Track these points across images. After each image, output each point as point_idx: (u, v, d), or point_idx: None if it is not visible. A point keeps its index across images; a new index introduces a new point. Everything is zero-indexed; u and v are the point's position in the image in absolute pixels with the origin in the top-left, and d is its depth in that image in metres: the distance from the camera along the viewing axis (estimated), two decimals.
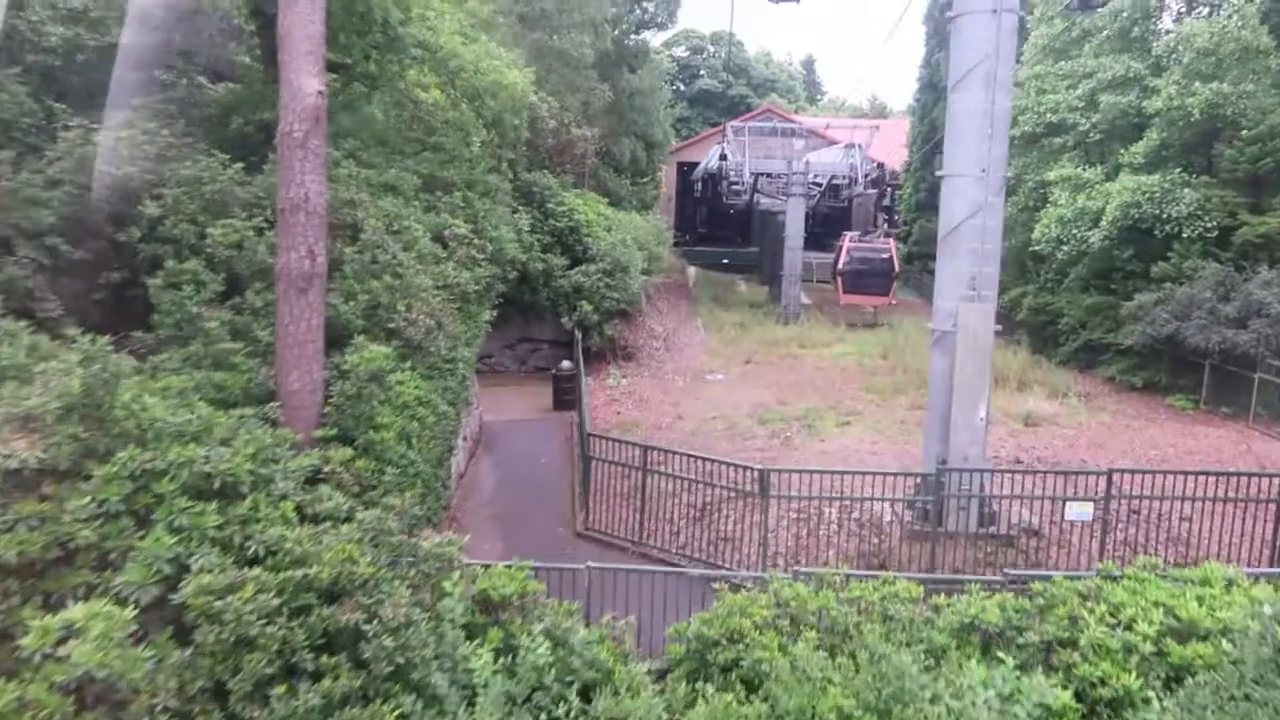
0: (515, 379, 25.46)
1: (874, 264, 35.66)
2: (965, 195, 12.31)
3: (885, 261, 35.65)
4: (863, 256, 36.00)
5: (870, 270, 35.57)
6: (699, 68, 73.10)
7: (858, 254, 36.04)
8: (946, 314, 12.56)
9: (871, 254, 36.02)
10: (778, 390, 23.51)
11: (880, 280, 35.52)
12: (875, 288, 35.55)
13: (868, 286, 35.54)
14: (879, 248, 36.48)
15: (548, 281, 25.43)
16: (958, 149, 12.52)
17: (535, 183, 26.35)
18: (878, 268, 35.61)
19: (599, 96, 31.62)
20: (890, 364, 26.33)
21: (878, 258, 35.83)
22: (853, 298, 36.12)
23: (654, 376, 25.43)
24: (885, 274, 35.69)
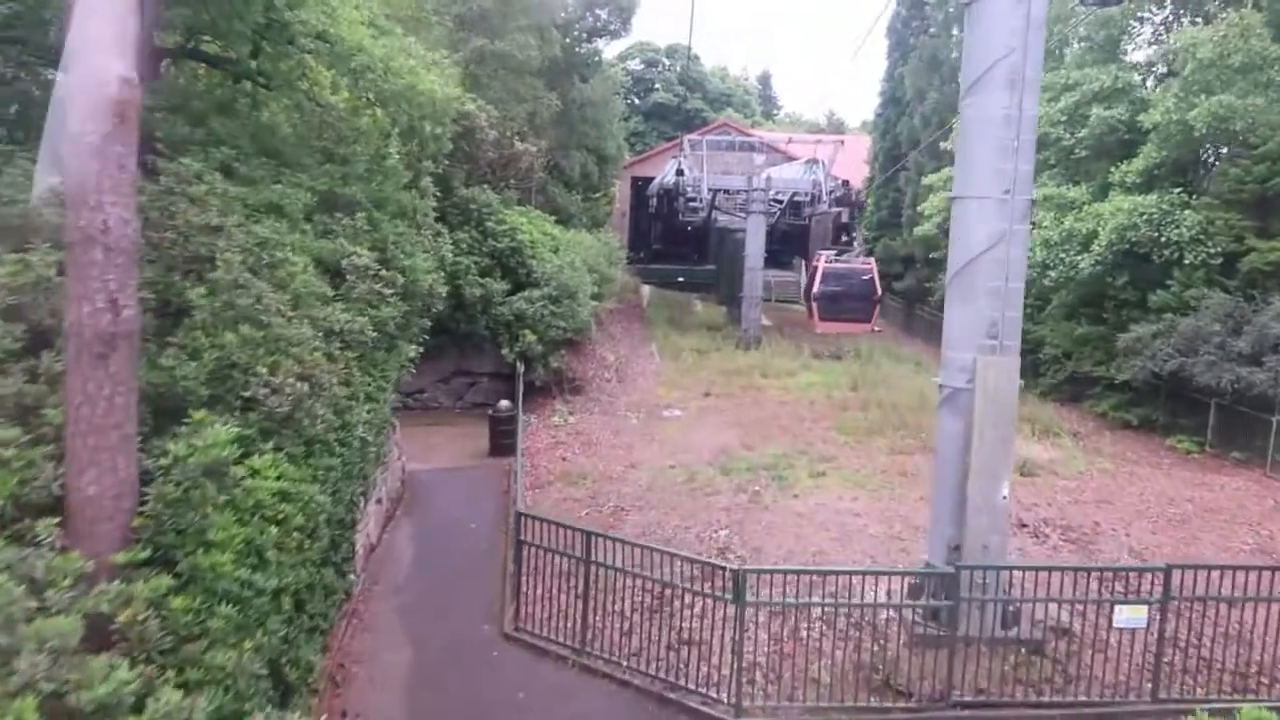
0: (450, 417, 22.67)
1: (853, 286, 31.45)
2: (983, 222, 9.88)
3: (866, 283, 31.50)
4: (840, 278, 31.71)
5: (849, 293, 31.41)
6: (654, 81, 70.90)
7: (835, 275, 31.67)
8: (959, 367, 10.10)
9: (850, 275, 31.77)
10: (741, 430, 21.00)
11: (861, 304, 31.35)
12: (855, 313, 31.31)
13: (846, 311, 31.34)
14: (859, 268, 32.30)
15: (486, 308, 22.71)
16: (974, 165, 10.10)
17: (473, 199, 23.63)
18: (858, 290, 31.46)
19: (546, 106, 29.01)
20: (861, 398, 23.97)
21: (857, 279, 31.64)
22: (829, 325, 31.87)
23: (605, 413, 22.79)
24: (867, 297, 31.57)
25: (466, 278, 22.38)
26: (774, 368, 28.41)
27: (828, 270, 31.61)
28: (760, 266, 33.63)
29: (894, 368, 28.46)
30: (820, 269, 31.76)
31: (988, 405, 9.77)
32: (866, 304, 31.48)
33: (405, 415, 22.43)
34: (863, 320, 31.51)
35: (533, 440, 20.33)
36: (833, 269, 31.82)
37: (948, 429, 10.35)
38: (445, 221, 23.06)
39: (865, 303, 31.46)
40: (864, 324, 31.66)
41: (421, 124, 14.13)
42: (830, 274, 31.53)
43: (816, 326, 32.07)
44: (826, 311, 31.47)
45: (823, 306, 31.54)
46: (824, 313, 31.58)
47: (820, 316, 31.76)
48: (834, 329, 32.03)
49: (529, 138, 28.90)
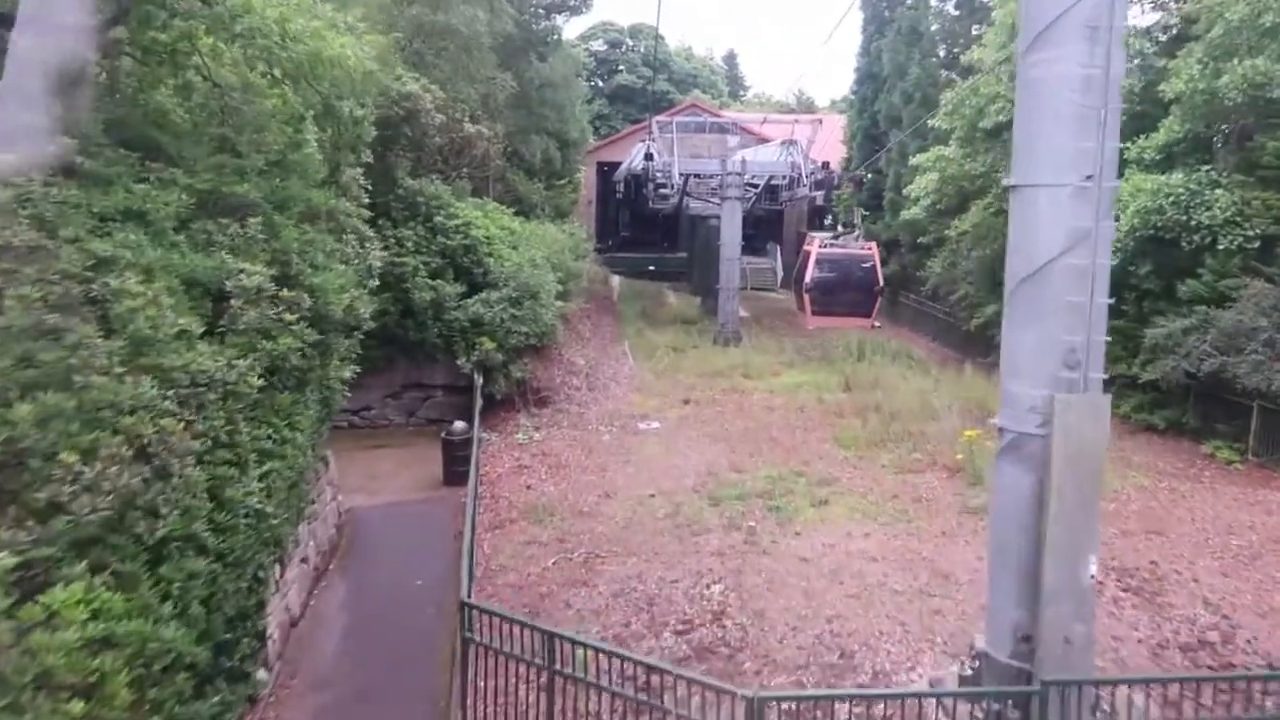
0: (401, 436, 20.07)
1: (852, 275, 27.21)
2: (1055, 218, 7.46)
3: (867, 272, 27.03)
4: (837, 265, 27.39)
5: (847, 283, 27.18)
6: (618, 62, 68.05)
7: (830, 262, 27.30)
8: (1027, 407, 7.71)
9: (848, 262, 27.44)
10: (727, 444, 18.62)
11: (860, 297, 27.02)
12: (854, 306, 26.97)
13: (844, 304, 27.03)
14: (858, 254, 27.78)
15: (438, 314, 20.10)
16: (1040, 143, 7.65)
17: (420, 192, 20.96)
18: (856, 280, 27.17)
19: (501, 87, 26.30)
20: (855, 401, 21.65)
21: (856, 267, 27.32)
22: (823, 320, 27.67)
23: (575, 427, 20.29)
24: (867, 288, 27.20)
25: (414, 280, 19.76)
26: (757, 367, 26.03)
27: (822, 256, 27.20)
28: (737, 256, 31.21)
29: (887, 365, 26.17)
30: (813, 255, 27.18)
31: (1069, 457, 7.40)
32: (867, 296, 27.10)
33: (350, 436, 19.86)
34: (862, 315, 27.10)
35: (493, 464, 17.82)
36: (828, 255, 27.48)
37: (1010, 484, 7.96)
38: (389, 218, 20.47)
39: (865, 295, 27.10)
40: (864, 319, 27.32)
41: (339, 104, 11.49)
42: (825, 261, 27.23)
43: (808, 322, 27.70)
44: (820, 305, 27.18)
45: (816, 299, 27.17)
46: (817, 306, 27.23)
47: (813, 311, 27.39)
48: (829, 325, 27.93)
49: (483, 122, 26.21)
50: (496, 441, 19.06)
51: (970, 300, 25.86)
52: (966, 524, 13.79)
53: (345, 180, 12.17)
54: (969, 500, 14.63)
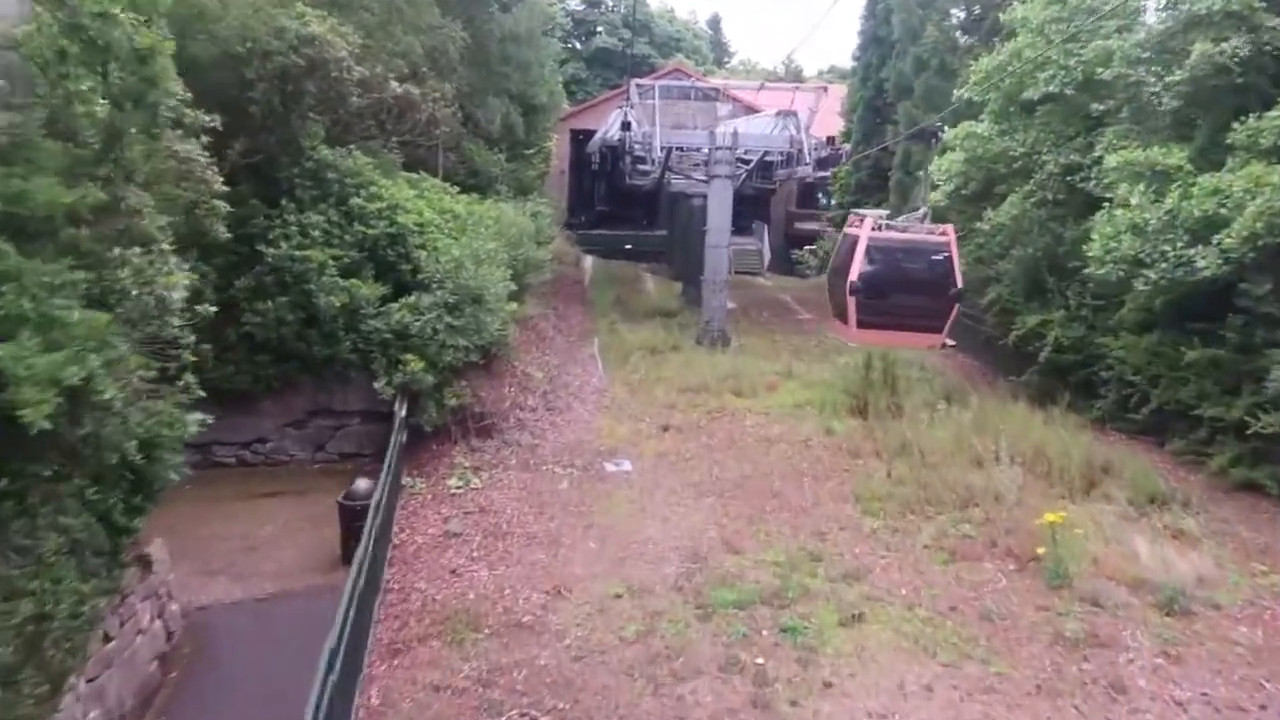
0: (302, 479, 15.48)
1: (919, 272, 17.60)
2: None
3: (940, 267, 17.41)
4: (897, 258, 17.70)
5: (912, 283, 17.65)
6: (596, 23, 62.90)
7: (888, 253, 17.63)
8: None
9: (914, 251, 17.83)
10: (718, 500, 14.27)
11: (930, 303, 17.56)
12: (920, 316, 17.71)
13: (906, 313, 17.71)
14: (929, 242, 17.88)
15: (353, 323, 15.47)
16: None
17: (332, 165, 16.22)
18: (926, 278, 17.54)
19: (450, 39, 21.42)
20: (873, 433, 17.29)
21: (925, 260, 17.69)
22: (875, 334, 18.18)
23: (525, 466, 15.82)
24: (940, 291, 17.46)
25: (320, 280, 15.10)
26: (749, 377, 21.56)
27: (876, 244, 17.33)
28: (725, 243, 26.66)
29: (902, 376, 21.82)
30: (861, 242, 17.20)
31: None
32: (939, 302, 17.52)
33: (234, 478, 15.25)
34: (930, 329, 17.82)
35: (413, 528, 13.36)
36: (884, 243, 17.58)
37: None
38: (293, 198, 15.77)
39: (937, 300, 17.54)
40: (932, 335, 18.08)
41: (106, 29, 6.82)
42: (879, 251, 17.38)
43: (850, 334, 18.19)
44: (871, 313, 17.47)
45: (865, 305, 17.34)
46: (867, 314, 17.45)
47: (860, 320, 17.50)
48: (881, 341, 18.89)
49: (430, 80, 21.38)
50: (423, 492, 14.57)
51: (1004, 306, 21.48)
52: (1067, 667, 9.50)
53: (130, 158, 7.56)
54: (1062, 622, 10.34)
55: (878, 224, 17.45)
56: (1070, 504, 13.74)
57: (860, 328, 17.74)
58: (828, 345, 26.73)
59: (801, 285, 40.87)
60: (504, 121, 26.87)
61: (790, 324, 30.47)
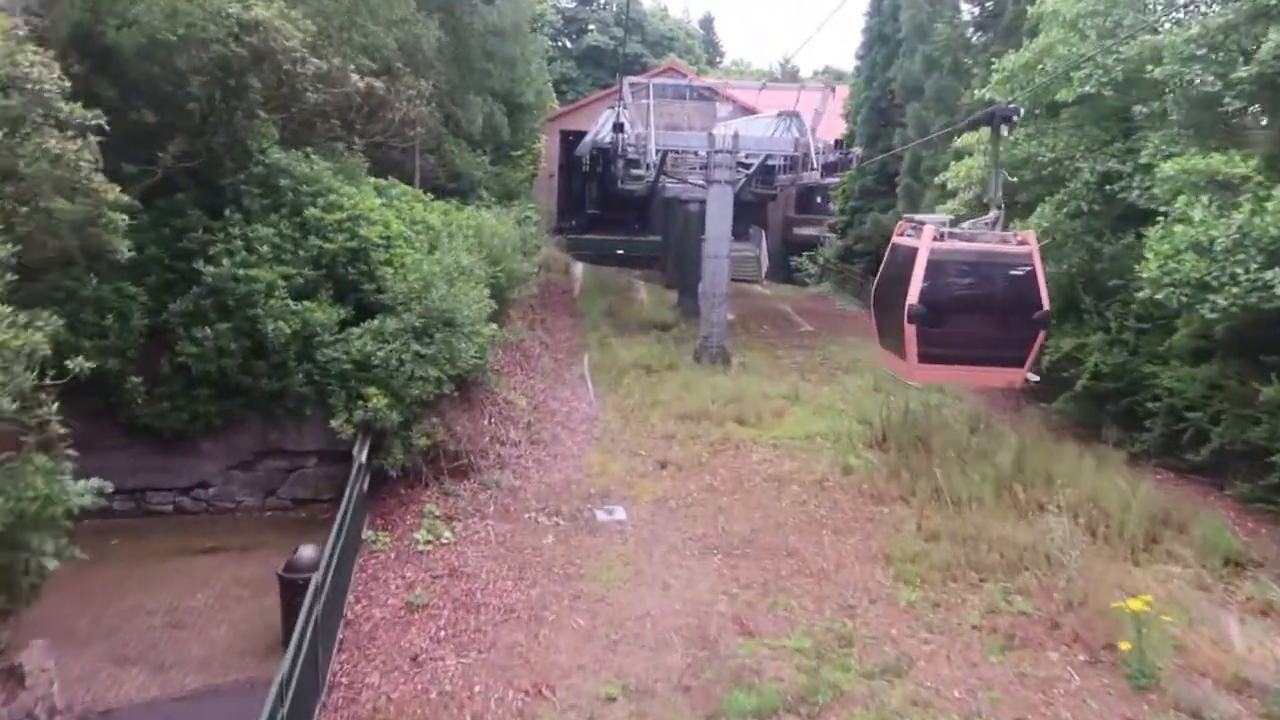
0: (248, 530, 13.37)
1: (996, 292, 13.57)
2: None
3: (1023, 281, 13.31)
4: (968, 274, 13.60)
5: (988, 305, 13.69)
6: (587, 21, 60.77)
7: (956, 268, 13.52)
8: None
9: (989, 268, 13.52)
10: (725, 559, 12.26)
11: (1010, 332, 13.63)
12: (998, 347, 13.76)
13: (980, 344, 13.78)
14: (1006, 254, 13.45)
15: (307, 352, 13.38)
16: None
17: (285, 171, 14.13)
18: (1005, 299, 13.55)
19: (423, 31, 19.30)
20: (897, 470, 15.31)
21: (1002, 276, 13.52)
22: (941, 369, 14.20)
23: (504, 515, 13.75)
24: (1022, 314, 13.44)
25: (268, 302, 13.00)
26: (753, 402, 19.54)
27: (940, 258, 13.26)
28: (725, 253, 24.63)
29: (915, 400, 19.83)
30: (922, 256, 13.26)
31: None
32: (1021, 329, 13.49)
33: (170, 530, 13.11)
34: (1010, 362, 13.77)
35: (371, 597, 11.30)
36: (950, 255, 13.38)
37: None
38: (239, 208, 13.70)
39: (1018, 325, 13.49)
40: (1011, 370, 14.05)
41: None
42: (944, 265, 13.34)
43: (909, 372, 14.25)
44: (936, 344, 13.45)
45: (928, 334, 13.34)
46: (931, 346, 13.44)
47: (922, 353, 13.51)
48: (949, 378, 15.77)
49: (404, 76, 19.29)
50: (385, 548, 12.49)
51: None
52: None
53: None
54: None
55: (940, 232, 13.48)
56: (1133, 566, 11.80)
57: (922, 362, 13.51)
58: (834, 362, 24.81)
59: (801, 294, 38.93)
60: (487, 122, 24.76)
61: (793, 338, 28.49)
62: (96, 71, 11.83)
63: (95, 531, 13.23)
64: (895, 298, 13.83)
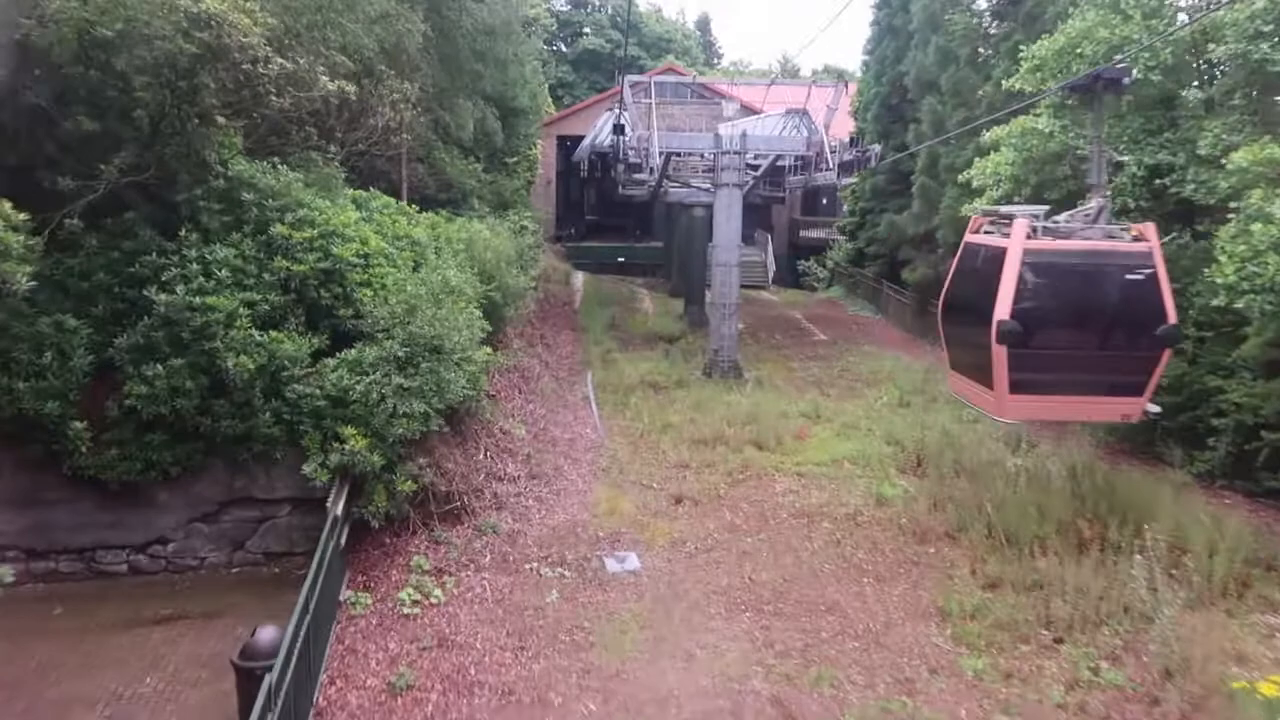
0: (213, 591, 11.73)
1: (1109, 304, 11.05)
2: None
3: (1142, 288, 10.65)
4: (1073, 282, 10.84)
5: (1099, 321, 11.10)
6: (582, 24, 59.22)
7: (1058, 271, 10.73)
8: None
9: (1100, 270, 10.80)
10: (759, 624, 10.58)
11: (1131, 350, 11.02)
12: (1111, 373, 11.04)
13: (1088, 371, 11.00)
14: (1121, 253, 10.80)
15: (275, 388, 11.74)
16: None
17: (250, 184, 12.49)
18: (1119, 312, 11.09)
19: (407, 26, 17.66)
20: (938, 501, 13.66)
21: (1116, 283, 10.85)
22: (1038, 402, 11.14)
23: (501, 567, 12.08)
24: (1142, 328, 10.76)
25: (228, 334, 11.36)
26: (771, 422, 17.87)
27: (1037, 260, 10.64)
28: (735, 261, 22.97)
29: (946, 417, 18.18)
30: (1012, 258, 10.49)
31: None
32: (1141, 347, 10.95)
33: (123, 593, 11.53)
34: (1125, 390, 11.14)
35: (348, 676, 9.62)
36: (1048, 256, 10.72)
37: None
38: (197, 227, 12.07)
39: (1138, 344, 11.00)
40: (1127, 401, 11.28)
41: None
42: (1043, 271, 10.74)
43: (999, 407, 11.17)
44: (1032, 369, 10.75)
45: (1022, 358, 10.60)
46: (1026, 371, 10.69)
47: (1015, 383, 10.73)
48: (1049, 413, 12.41)
49: (388, 80, 17.68)
50: (366, 612, 10.82)
51: None
52: None
53: None
54: None
55: (1033, 226, 10.78)
56: (1227, 618, 10.13)
57: (1015, 394, 10.68)
58: (853, 374, 23.16)
59: (811, 300, 37.29)
60: (479, 127, 23.13)
61: (806, 348, 26.83)
62: (20, 72, 10.22)
63: (37, 598, 11.66)
64: (975, 311, 11.15)
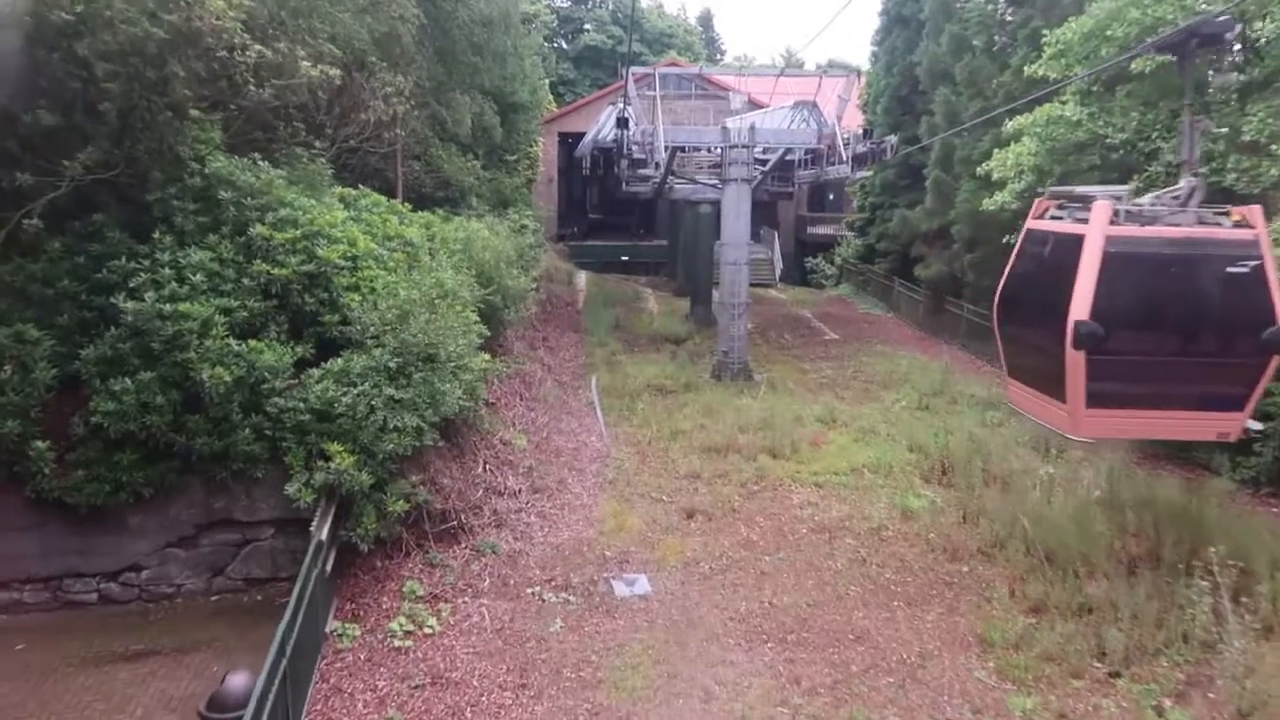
0: (189, 622, 10.82)
1: (1207, 299, 9.05)
2: None
3: (1245, 283, 8.81)
4: (1163, 271, 8.86)
5: (1195, 324, 9.21)
6: (583, 20, 58.30)
7: (1146, 262, 8.83)
8: None
9: (1195, 261, 8.88)
10: (782, 657, 9.65)
11: (1230, 357, 9.09)
12: (1208, 380, 9.17)
13: (1185, 378, 9.12)
14: (1219, 241, 8.90)
15: (255, 402, 10.82)
16: None
17: (227, 181, 11.56)
18: (1216, 308, 9.07)
19: (401, 13, 16.72)
20: (967, 511, 12.74)
21: (1215, 277, 8.95)
22: (1118, 419, 9.30)
23: (502, 592, 11.16)
24: (1243, 330, 8.86)
25: (202, 344, 10.44)
26: (784, 428, 16.94)
27: (1123, 248, 8.70)
28: (744, 259, 22.01)
29: (970, 420, 17.24)
30: (1094, 243, 8.65)
31: None
32: (1242, 353, 9.00)
33: (89, 626, 10.56)
34: (1223, 403, 9.20)
35: (334, 716, 8.71)
36: (1135, 244, 8.79)
37: None
38: (170, 228, 11.16)
39: (1238, 349, 9.06)
40: (1225, 416, 9.29)
41: None
42: (1130, 261, 8.75)
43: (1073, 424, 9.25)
44: (1115, 379, 8.93)
45: (1103, 366, 8.76)
46: (1107, 382, 8.89)
47: (1093, 395, 8.89)
48: (1135, 430, 10.48)
49: (380, 72, 16.79)
50: (354, 644, 9.90)
51: None
52: None
53: None
54: None
55: (1116, 208, 8.88)
56: None
57: (1092, 407, 8.91)
58: (868, 376, 22.21)
59: (820, 298, 36.33)
60: (477, 122, 22.20)
61: (817, 348, 25.87)
62: None
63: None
64: (1043, 310, 9.53)
